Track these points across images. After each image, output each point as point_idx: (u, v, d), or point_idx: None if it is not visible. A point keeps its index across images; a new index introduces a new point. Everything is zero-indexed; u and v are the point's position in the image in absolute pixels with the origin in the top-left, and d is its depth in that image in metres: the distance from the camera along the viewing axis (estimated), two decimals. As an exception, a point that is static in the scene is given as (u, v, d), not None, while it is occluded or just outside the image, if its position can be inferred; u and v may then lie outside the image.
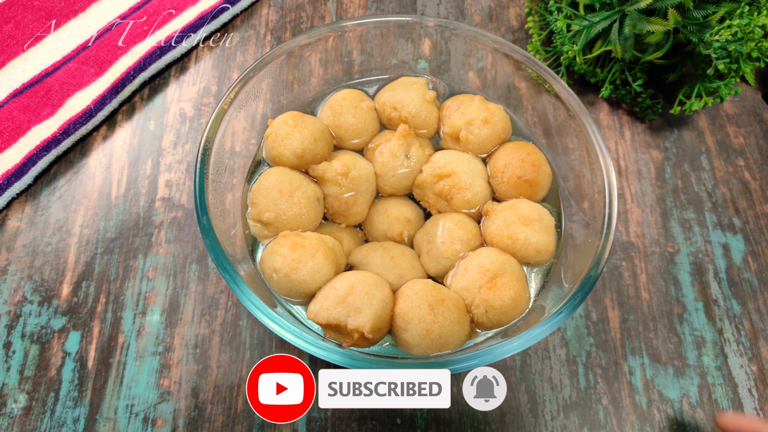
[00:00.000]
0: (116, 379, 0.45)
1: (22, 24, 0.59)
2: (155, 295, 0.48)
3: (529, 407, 0.45)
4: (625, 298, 0.49)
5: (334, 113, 0.46)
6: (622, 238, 0.52)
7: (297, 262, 0.38)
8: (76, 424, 0.44)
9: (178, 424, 0.44)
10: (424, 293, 0.38)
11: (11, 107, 0.55)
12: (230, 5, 0.61)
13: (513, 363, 0.47)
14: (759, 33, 0.50)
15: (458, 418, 0.45)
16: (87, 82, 0.56)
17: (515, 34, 0.63)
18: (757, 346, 0.48)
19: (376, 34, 0.49)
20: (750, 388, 0.46)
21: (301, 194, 0.41)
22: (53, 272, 0.49)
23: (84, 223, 0.52)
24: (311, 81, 0.50)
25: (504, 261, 0.40)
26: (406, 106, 0.46)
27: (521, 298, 0.39)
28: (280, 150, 0.42)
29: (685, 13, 0.51)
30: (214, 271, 0.50)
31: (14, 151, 0.53)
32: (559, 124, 0.46)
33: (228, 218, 0.42)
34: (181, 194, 0.53)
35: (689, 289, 0.50)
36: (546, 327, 0.35)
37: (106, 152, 0.55)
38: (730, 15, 0.51)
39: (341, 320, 0.36)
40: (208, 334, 0.47)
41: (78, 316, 0.47)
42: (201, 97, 0.58)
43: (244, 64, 0.60)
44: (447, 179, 0.43)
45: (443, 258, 0.41)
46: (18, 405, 0.44)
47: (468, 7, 0.64)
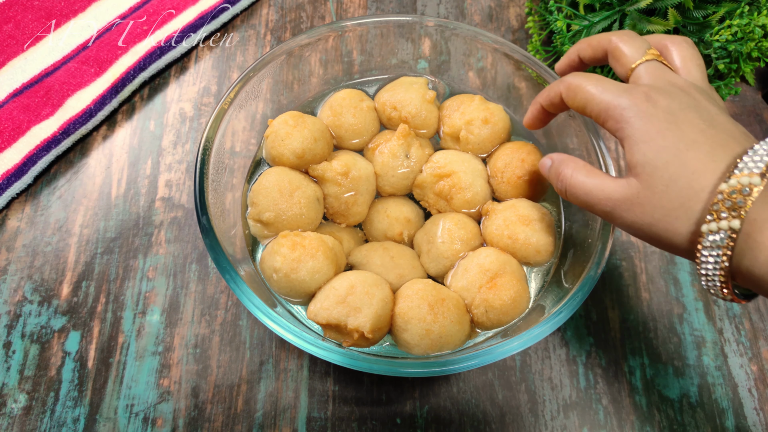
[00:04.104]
0: (116, 379, 0.45)
1: (22, 24, 0.59)
2: (155, 295, 0.48)
3: (529, 407, 0.45)
4: (625, 298, 0.49)
5: (334, 113, 0.46)
6: (622, 238, 0.52)
7: (297, 261, 0.38)
8: (76, 424, 0.44)
9: (178, 424, 0.44)
10: (424, 293, 0.38)
11: (11, 107, 0.55)
12: (230, 5, 0.61)
13: (513, 363, 0.47)
14: (759, 33, 0.50)
15: (458, 418, 0.45)
16: (87, 82, 0.56)
17: (515, 34, 0.63)
18: (757, 346, 0.48)
19: (376, 34, 0.49)
20: (750, 388, 0.46)
21: (301, 194, 0.41)
22: (53, 272, 0.49)
23: (84, 223, 0.52)
24: (311, 81, 0.50)
25: (504, 261, 0.40)
26: (406, 106, 0.46)
27: (521, 298, 0.39)
28: (280, 150, 0.42)
29: (685, 13, 0.51)
30: (214, 271, 0.50)
31: (14, 151, 0.53)
32: (559, 124, 0.46)
33: (228, 218, 0.42)
34: (181, 194, 0.53)
35: (689, 289, 0.50)
36: (546, 327, 0.35)
37: (106, 152, 0.55)
38: (730, 15, 0.51)
39: (341, 320, 0.36)
40: (208, 334, 0.47)
41: (78, 316, 0.47)
42: (201, 97, 0.58)
43: (244, 64, 0.60)
44: (447, 179, 0.43)
45: (443, 258, 0.41)
46: (18, 405, 0.44)
47: (468, 7, 0.65)
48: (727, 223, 0.28)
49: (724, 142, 0.30)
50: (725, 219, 0.28)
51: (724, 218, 0.28)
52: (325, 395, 0.45)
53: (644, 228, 0.32)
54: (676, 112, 0.32)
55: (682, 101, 0.32)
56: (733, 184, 0.28)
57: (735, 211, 0.28)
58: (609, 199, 0.33)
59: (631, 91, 0.33)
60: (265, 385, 0.45)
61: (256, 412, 0.44)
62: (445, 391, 0.46)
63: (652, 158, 0.31)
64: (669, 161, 0.30)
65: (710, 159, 0.30)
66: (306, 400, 0.45)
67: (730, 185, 0.28)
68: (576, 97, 0.35)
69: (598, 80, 0.35)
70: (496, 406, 0.45)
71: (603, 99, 0.34)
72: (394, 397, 0.45)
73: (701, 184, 0.29)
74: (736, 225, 0.28)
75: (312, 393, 0.45)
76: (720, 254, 0.28)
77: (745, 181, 0.28)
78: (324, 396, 0.45)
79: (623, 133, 0.33)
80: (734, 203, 0.28)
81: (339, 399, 0.45)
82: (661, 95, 0.33)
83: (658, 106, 0.32)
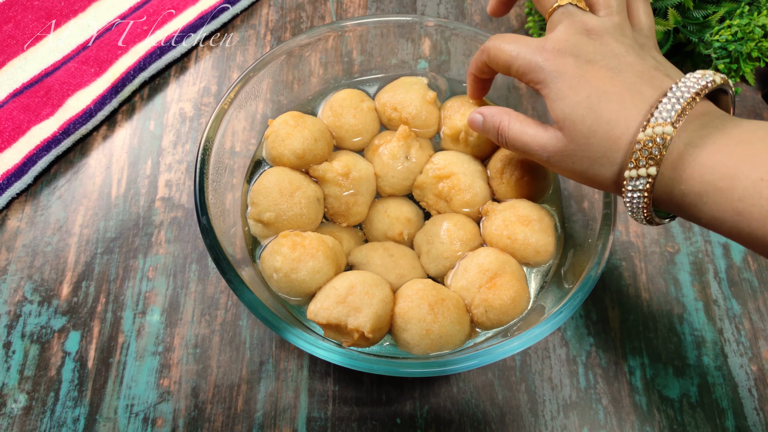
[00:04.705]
0: (116, 378, 0.45)
1: (22, 24, 0.59)
2: (155, 295, 0.48)
3: (529, 407, 0.45)
4: (625, 298, 0.49)
5: (334, 113, 0.46)
6: (622, 238, 0.52)
7: (297, 261, 0.38)
8: (76, 424, 0.44)
9: (178, 424, 0.44)
10: (424, 293, 0.38)
11: (11, 107, 0.55)
12: (230, 5, 0.61)
13: (513, 363, 0.47)
14: (759, 33, 0.50)
15: (458, 418, 0.45)
16: (87, 82, 0.56)
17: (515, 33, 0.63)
18: (757, 346, 0.48)
19: (376, 34, 0.49)
20: (750, 388, 0.46)
21: (302, 194, 0.41)
22: (53, 272, 0.49)
23: (84, 223, 0.52)
24: (311, 81, 0.50)
25: (503, 261, 0.40)
26: (406, 107, 0.46)
27: (521, 298, 0.39)
28: (280, 150, 0.42)
29: (685, 13, 0.51)
30: (214, 271, 0.50)
31: (14, 151, 0.53)
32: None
33: (228, 218, 0.42)
34: (181, 194, 0.53)
35: (689, 289, 0.50)
36: (546, 327, 0.35)
37: (106, 152, 0.55)
38: (730, 15, 0.51)
39: (341, 320, 0.36)
40: (208, 334, 0.47)
41: (78, 316, 0.47)
42: (201, 97, 0.58)
43: (244, 64, 0.60)
44: (446, 180, 0.43)
45: (443, 258, 0.41)
46: (18, 405, 0.44)
47: (468, 7, 0.65)
48: (646, 170, 0.30)
49: (632, 86, 0.32)
50: (644, 167, 0.30)
51: (643, 166, 0.30)
52: (325, 395, 0.45)
53: (577, 175, 0.34)
54: (585, 65, 0.33)
55: (589, 51, 0.34)
56: (649, 134, 0.30)
57: (652, 160, 0.30)
58: (544, 150, 0.35)
59: (544, 47, 0.35)
60: (265, 385, 0.45)
61: (256, 412, 0.44)
62: (445, 391, 0.46)
63: (570, 114, 0.33)
64: (585, 115, 0.32)
65: (621, 107, 0.31)
66: (306, 400, 0.45)
67: (646, 135, 0.30)
68: (498, 60, 0.37)
69: (513, 40, 0.37)
70: (496, 406, 0.45)
71: (520, 59, 0.36)
72: (394, 397, 0.45)
73: (617, 133, 0.31)
74: (653, 172, 0.30)
75: (312, 393, 0.45)
76: (642, 195, 0.31)
77: (659, 131, 0.29)
78: (324, 396, 0.45)
79: (543, 92, 0.35)
80: (650, 153, 0.30)
81: (339, 399, 0.45)
82: (570, 48, 0.34)
83: (568, 61, 0.34)
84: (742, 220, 0.28)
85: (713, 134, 0.29)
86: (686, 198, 0.30)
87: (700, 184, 0.29)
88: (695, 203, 0.30)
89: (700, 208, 0.30)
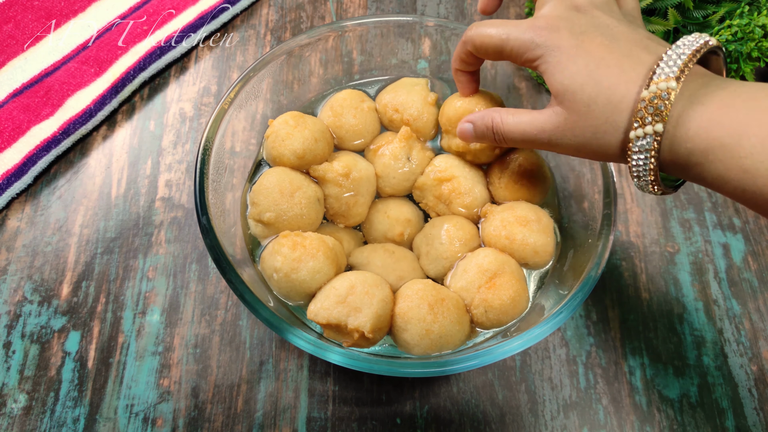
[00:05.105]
0: (116, 379, 0.45)
1: (22, 24, 0.59)
2: (155, 295, 0.48)
3: (529, 407, 0.45)
4: (625, 298, 0.49)
5: (334, 114, 0.46)
6: (622, 238, 0.52)
7: (297, 261, 0.38)
8: (76, 424, 0.44)
9: (178, 424, 0.44)
10: (423, 293, 0.38)
11: (11, 107, 0.55)
12: (230, 5, 0.61)
13: (513, 363, 0.47)
14: (759, 33, 0.50)
15: (458, 418, 0.45)
16: (87, 82, 0.56)
17: (515, 34, 0.63)
18: (757, 346, 0.48)
19: (376, 34, 0.49)
20: (750, 388, 0.46)
21: (302, 194, 0.41)
22: (53, 272, 0.49)
23: (84, 223, 0.52)
24: (311, 81, 0.50)
25: (503, 261, 0.40)
26: (407, 109, 0.46)
27: (520, 298, 0.39)
28: (280, 150, 0.42)
29: (685, 13, 0.51)
30: (214, 271, 0.50)
31: (14, 151, 0.53)
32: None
33: (228, 218, 0.42)
34: (181, 194, 0.53)
35: (689, 289, 0.50)
36: (546, 327, 0.35)
37: (106, 152, 0.55)
38: (730, 15, 0.51)
39: (341, 320, 0.36)
40: (208, 334, 0.47)
41: (78, 316, 0.47)
42: (201, 97, 0.58)
43: (244, 64, 0.60)
44: (447, 183, 0.43)
45: (442, 259, 0.41)
46: (18, 405, 0.44)
47: (468, 7, 0.64)
48: (652, 127, 0.30)
49: (629, 51, 0.32)
50: (650, 124, 0.30)
51: (649, 123, 0.30)
52: (325, 395, 0.45)
53: (581, 148, 0.34)
54: (579, 36, 0.34)
55: (582, 24, 0.34)
56: (653, 90, 0.30)
57: (658, 116, 0.30)
58: (543, 131, 0.35)
59: (536, 25, 0.35)
60: (265, 385, 0.45)
61: (256, 412, 0.44)
62: (445, 391, 0.46)
63: (569, 84, 0.33)
64: (584, 83, 0.32)
65: (620, 71, 0.32)
66: (306, 400, 0.45)
67: (650, 92, 0.30)
68: (487, 46, 0.37)
69: (500, 23, 0.37)
70: (496, 406, 0.45)
71: (512, 40, 0.35)
72: (394, 397, 0.45)
73: (618, 96, 0.31)
74: (660, 128, 0.30)
75: (312, 393, 0.45)
76: (648, 156, 0.31)
77: (663, 86, 0.30)
78: (324, 396, 0.45)
79: (540, 68, 0.35)
80: (656, 108, 0.30)
81: (339, 399, 0.45)
82: (562, 22, 0.34)
83: (562, 35, 0.34)
84: (748, 177, 0.28)
85: (717, 92, 0.30)
86: (692, 157, 0.30)
87: (705, 141, 0.29)
88: (701, 162, 0.30)
89: (706, 166, 0.29)
